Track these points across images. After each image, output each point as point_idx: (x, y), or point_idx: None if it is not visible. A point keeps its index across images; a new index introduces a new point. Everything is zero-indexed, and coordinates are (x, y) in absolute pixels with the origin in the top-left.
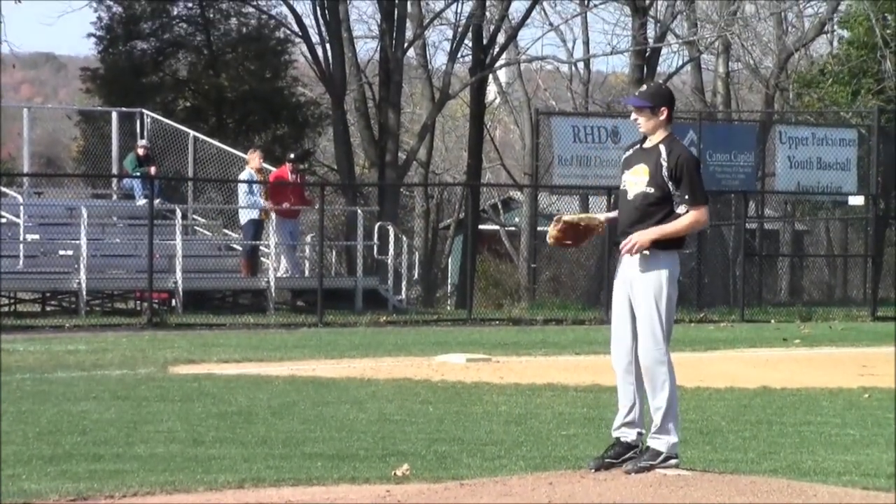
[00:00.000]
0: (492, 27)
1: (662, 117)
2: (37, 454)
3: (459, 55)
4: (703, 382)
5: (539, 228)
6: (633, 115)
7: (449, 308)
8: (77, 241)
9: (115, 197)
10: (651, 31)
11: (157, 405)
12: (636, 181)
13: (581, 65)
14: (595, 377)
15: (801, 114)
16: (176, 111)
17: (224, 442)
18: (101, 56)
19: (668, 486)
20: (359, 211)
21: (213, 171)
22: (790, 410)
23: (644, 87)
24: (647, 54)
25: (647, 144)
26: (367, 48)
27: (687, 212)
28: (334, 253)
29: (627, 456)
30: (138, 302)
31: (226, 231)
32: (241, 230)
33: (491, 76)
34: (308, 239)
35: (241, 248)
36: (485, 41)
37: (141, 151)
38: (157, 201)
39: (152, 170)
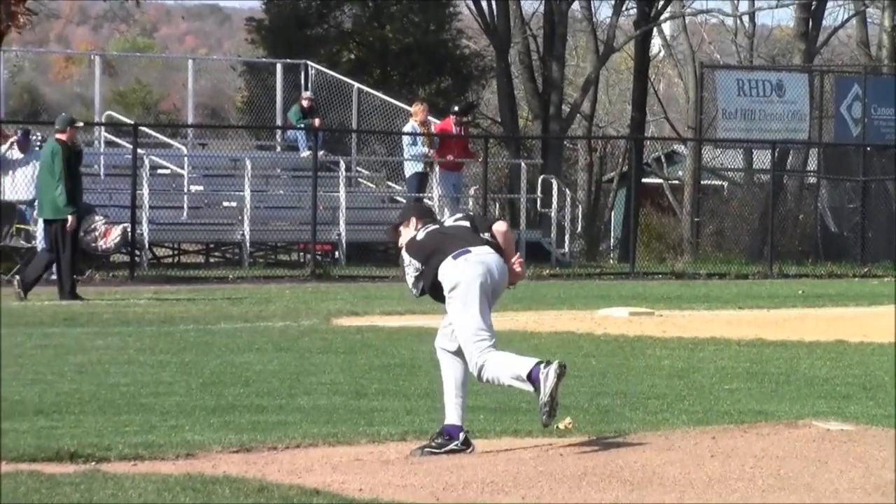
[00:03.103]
0: None
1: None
2: (200, 405)
3: (624, 8)
4: (867, 337)
5: (703, 182)
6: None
7: (612, 262)
8: (241, 193)
9: (279, 149)
10: None
11: (320, 357)
12: None
13: (746, 18)
14: (758, 331)
15: None
16: (340, 63)
17: (387, 394)
18: (266, 7)
19: (830, 441)
20: (522, 164)
21: (377, 123)
22: None
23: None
24: (813, 7)
25: None
26: (531, 1)
27: None
28: (497, 206)
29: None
30: (302, 254)
31: (389, 183)
32: (405, 183)
33: (655, 29)
34: (472, 192)
35: (404, 201)
36: None
37: (305, 103)
38: (321, 153)
39: (316, 122)
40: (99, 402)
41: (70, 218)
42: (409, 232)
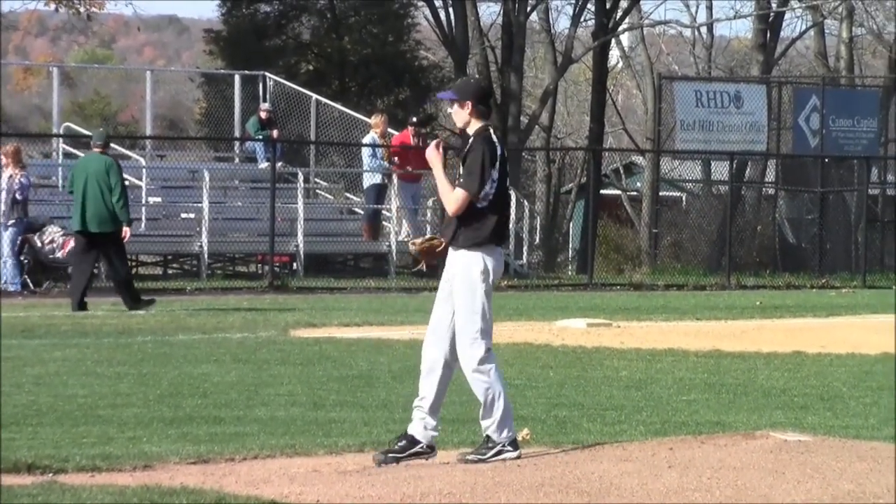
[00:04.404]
0: None
1: (467, 110)
2: (158, 417)
3: (582, 19)
4: (825, 348)
5: (661, 193)
6: (449, 109)
7: (570, 273)
8: (199, 204)
9: (237, 160)
10: None
11: (278, 368)
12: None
13: (704, 29)
14: (716, 342)
15: None
16: (298, 74)
17: (344, 405)
18: (225, 18)
19: (788, 452)
20: None
21: (335, 134)
22: None
23: (458, 80)
24: (771, 19)
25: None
26: (490, 12)
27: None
28: None
29: (415, 451)
30: (260, 265)
31: (347, 195)
32: (364, 194)
33: (614, 40)
34: (430, 203)
35: (362, 212)
36: (608, 5)
37: (263, 115)
38: (279, 164)
39: (275, 133)
40: (56, 414)
41: (127, 229)
42: (474, 119)
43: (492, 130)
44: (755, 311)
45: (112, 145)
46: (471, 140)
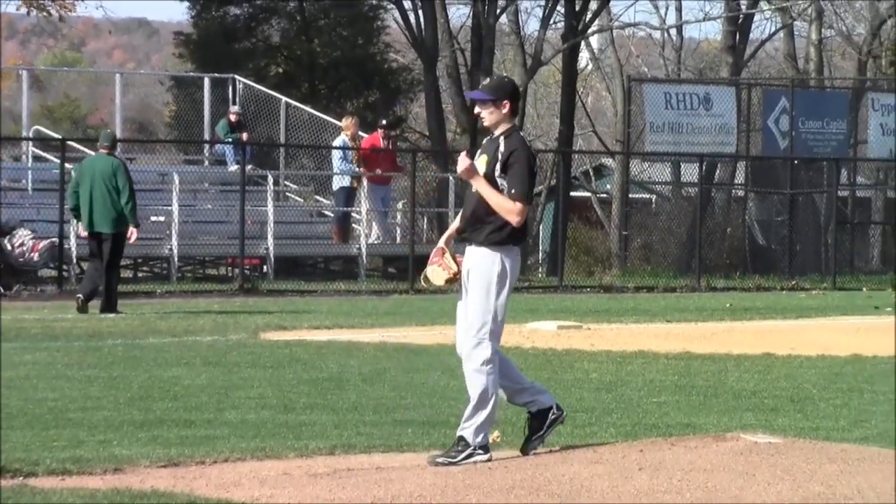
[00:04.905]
0: None
1: (505, 110)
2: (128, 420)
3: (552, 21)
4: (795, 350)
5: (631, 196)
6: (477, 109)
7: (540, 275)
8: (169, 207)
9: (206, 163)
10: None
11: (248, 371)
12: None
13: (674, 31)
14: (686, 345)
15: (894, 81)
16: (268, 77)
17: (315, 408)
18: (194, 21)
19: (758, 454)
20: (450, 177)
21: (305, 137)
22: (882, 378)
23: (487, 80)
24: (740, 21)
25: (494, 137)
26: (459, 14)
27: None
28: (426, 219)
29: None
30: (230, 268)
31: (317, 197)
32: (333, 196)
33: (583, 43)
34: (400, 205)
35: (332, 215)
36: (577, 7)
37: (233, 117)
38: (248, 167)
39: (244, 136)
40: (27, 418)
41: (134, 230)
42: (506, 120)
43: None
44: (725, 313)
45: (81, 148)
46: (502, 141)
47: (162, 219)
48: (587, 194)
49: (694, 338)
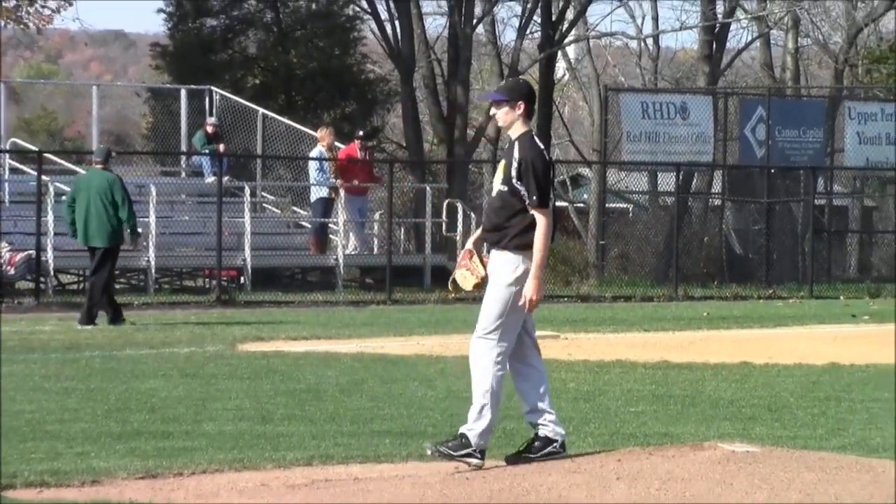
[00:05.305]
0: (561, 3)
1: (520, 111)
2: (105, 432)
3: (528, 31)
4: (772, 359)
5: (608, 205)
6: (493, 111)
7: None
8: (146, 219)
9: (183, 174)
10: (720, 7)
11: (226, 382)
12: (497, 178)
13: (650, 41)
14: (664, 354)
15: (871, 90)
16: (245, 88)
17: (292, 419)
18: (171, 33)
19: (736, 463)
20: (427, 188)
21: (282, 148)
22: (859, 387)
23: (503, 81)
24: (717, 30)
25: (511, 142)
26: (436, 24)
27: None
28: (403, 230)
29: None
30: (207, 279)
31: (294, 208)
32: (311, 207)
33: (560, 52)
34: (377, 216)
35: (309, 226)
36: (554, 17)
37: (210, 129)
38: (225, 179)
39: (221, 147)
40: (4, 430)
41: (137, 239)
42: (521, 121)
43: (533, 133)
44: (703, 322)
45: (58, 160)
46: (517, 147)
47: (139, 230)
48: (564, 204)
49: (671, 347)
